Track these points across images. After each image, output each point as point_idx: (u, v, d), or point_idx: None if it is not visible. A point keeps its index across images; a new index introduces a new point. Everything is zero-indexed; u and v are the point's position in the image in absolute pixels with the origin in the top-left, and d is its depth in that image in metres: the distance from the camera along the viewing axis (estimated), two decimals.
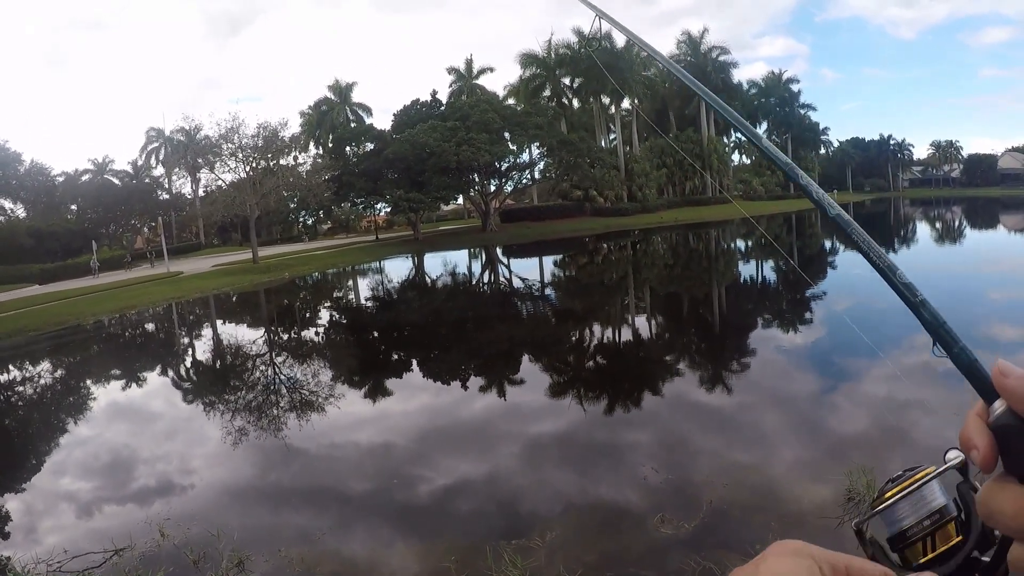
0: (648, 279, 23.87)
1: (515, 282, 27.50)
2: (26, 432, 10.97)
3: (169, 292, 28.85)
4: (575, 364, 12.04)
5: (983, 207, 61.43)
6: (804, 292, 17.11)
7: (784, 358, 10.86)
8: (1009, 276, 18.22)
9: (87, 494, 7.27)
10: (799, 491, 5.57)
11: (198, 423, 9.98)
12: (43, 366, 17.12)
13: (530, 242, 45.96)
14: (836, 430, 7.02)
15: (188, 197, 66.54)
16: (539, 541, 4.98)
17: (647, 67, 66.33)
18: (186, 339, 19.63)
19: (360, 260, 42.14)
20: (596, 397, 9.49)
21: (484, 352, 13.41)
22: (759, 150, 0.91)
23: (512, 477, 6.68)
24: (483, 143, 46.88)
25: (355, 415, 9.43)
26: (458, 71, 63.46)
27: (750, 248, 34.02)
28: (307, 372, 12.85)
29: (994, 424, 0.49)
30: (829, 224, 0.72)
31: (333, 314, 22.29)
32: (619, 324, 15.80)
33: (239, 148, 38.35)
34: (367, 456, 7.69)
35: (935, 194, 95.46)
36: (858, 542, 0.69)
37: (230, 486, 7.14)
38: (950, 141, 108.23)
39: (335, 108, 64.73)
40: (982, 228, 40.74)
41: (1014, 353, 9.52)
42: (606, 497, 5.91)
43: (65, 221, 56.23)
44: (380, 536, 5.66)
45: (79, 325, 21.99)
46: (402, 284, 30.04)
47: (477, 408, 9.33)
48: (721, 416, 8.04)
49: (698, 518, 5.12)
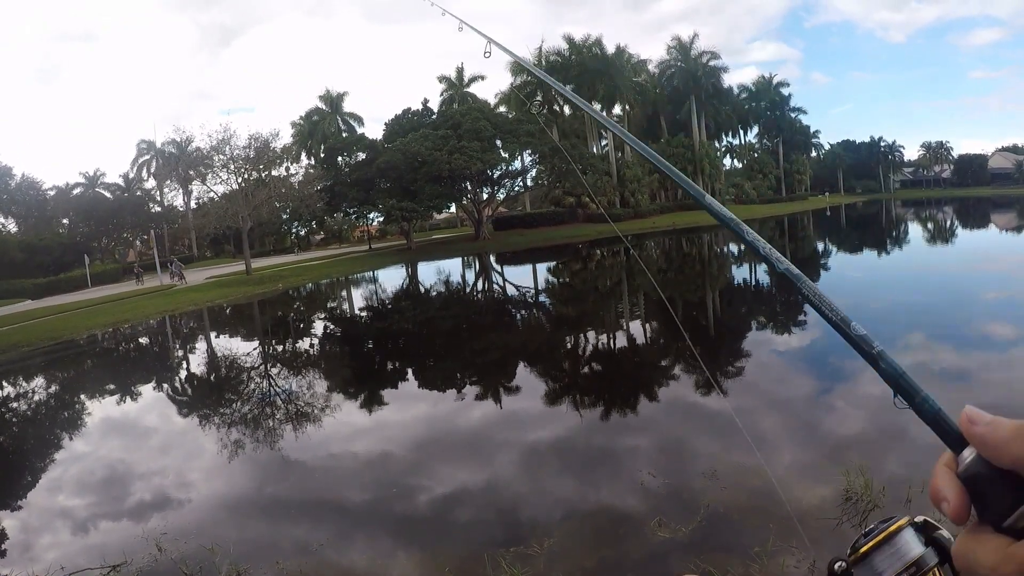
0: (641, 285, 23.91)
1: (509, 290, 27.50)
2: (20, 449, 10.89)
3: (163, 305, 28.73)
4: (570, 370, 12.04)
5: (974, 207, 61.85)
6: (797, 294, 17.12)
7: (778, 360, 10.88)
8: (997, 275, 18.33)
9: (83, 510, 7.22)
10: (797, 492, 5.57)
11: (193, 437, 9.93)
12: (36, 382, 17.01)
13: (523, 249, 46.00)
14: (832, 431, 7.03)
15: (180, 209, 66.35)
16: (537, 548, 4.97)
17: (638, 73, 66.74)
18: (181, 352, 19.54)
19: (354, 270, 42.08)
20: (592, 403, 9.49)
21: (480, 361, 13.40)
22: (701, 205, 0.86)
23: (509, 484, 6.67)
24: (475, 151, 46.98)
25: (351, 425, 9.40)
26: (449, 79, 63.66)
27: (743, 252, 34.09)
28: (303, 384, 12.81)
29: (964, 474, 0.48)
30: (777, 276, 0.70)
31: (328, 325, 22.24)
32: (614, 330, 15.81)
33: (231, 159, 38.33)
34: (364, 466, 7.66)
35: (926, 195, 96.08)
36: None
37: (227, 500, 7.10)
38: (940, 142, 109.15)
39: (326, 118, 64.80)
40: (972, 228, 41.00)
41: (1003, 350, 9.58)
42: (604, 502, 5.91)
43: (57, 235, 55.99)
44: (378, 546, 5.64)
45: (72, 340, 21.87)
46: (396, 294, 30.00)
47: (473, 416, 9.31)
48: (716, 419, 8.04)
49: (695, 521, 5.12)
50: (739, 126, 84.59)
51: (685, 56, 71.11)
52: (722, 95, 74.92)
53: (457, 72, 63.57)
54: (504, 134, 50.03)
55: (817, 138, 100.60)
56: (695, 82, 70.28)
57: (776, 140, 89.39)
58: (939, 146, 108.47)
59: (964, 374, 8.58)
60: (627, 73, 63.30)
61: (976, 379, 8.33)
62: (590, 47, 61.04)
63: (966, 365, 8.97)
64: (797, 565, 4.26)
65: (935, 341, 10.47)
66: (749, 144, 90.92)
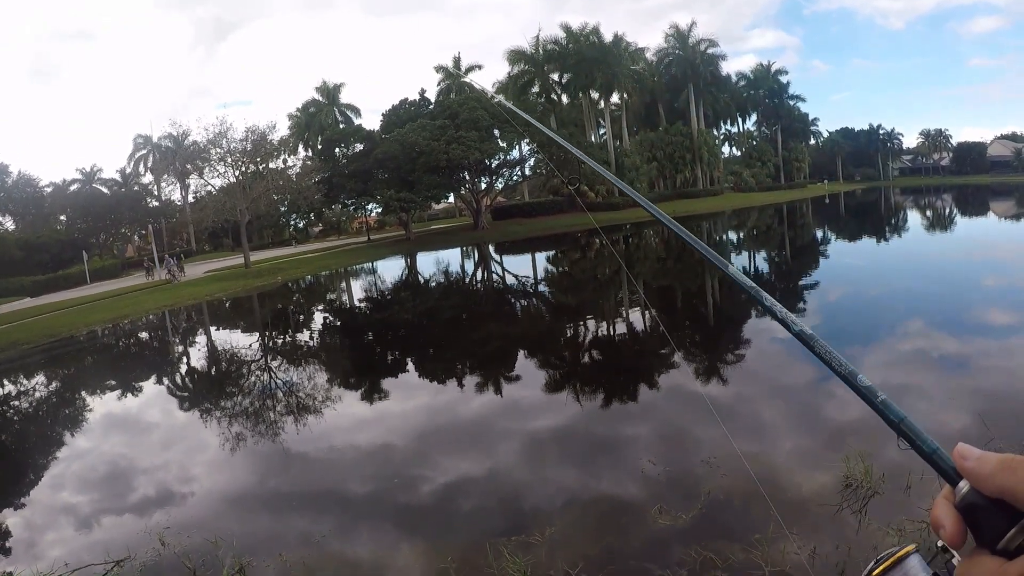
0: (641, 273, 23.90)
1: (509, 279, 27.49)
2: (23, 446, 10.92)
3: (163, 300, 28.73)
4: (570, 359, 12.05)
5: (973, 194, 61.76)
6: (798, 281, 17.16)
7: (776, 347, 10.89)
8: (995, 262, 18.34)
9: (86, 506, 7.24)
10: (797, 479, 5.59)
11: (195, 431, 9.95)
12: (37, 379, 17.03)
13: (522, 239, 45.94)
14: (832, 418, 7.04)
15: (178, 204, 66.27)
16: (539, 537, 4.99)
17: (636, 61, 66.46)
18: (181, 347, 19.55)
19: (353, 262, 42.05)
20: (592, 391, 9.50)
21: (480, 350, 13.41)
22: None
23: (511, 473, 6.69)
24: (473, 141, 46.84)
25: (352, 416, 9.42)
26: (446, 69, 63.34)
27: (742, 240, 34.11)
28: (303, 375, 12.82)
29: (960, 504, 0.53)
30: (794, 338, 0.76)
31: (328, 316, 22.23)
32: (613, 318, 15.82)
33: (228, 152, 38.19)
34: (366, 457, 7.68)
35: (925, 182, 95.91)
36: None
37: (229, 493, 7.13)
38: (939, 130, 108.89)
39: (323, 110, 64.57)
40: (970, 215, 40.96)
41: (1003, 337, 9.60)
42: (605, 490, 5.93)
43: (55, 232, 55.89)
44: (380, 537, 5.66)
45: (72, 337, 21.88)
46: (396, 284, 29.99)
47: (474, 405, 9.33)
48: (717, 406, 8.06)
49: (696, 508, 5.14)
50: (737, 114, 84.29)
51: (683, 44, 70.76)
52: (720, 83, 74.61)
53: (454, 62, 63.32)
54: (501, 123, 49.84)
55: (816, 126, 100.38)
56: (693, 70, 69.98)
57: (775, 128, 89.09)
58: (938, 134, 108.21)
59: (964, 361, 8.60)
60: (625, 61, 62.94)
61: (976, 366, 8.34)
62: (587, 36, 60.75)
63: (966, 352, 8.99)
64: (798, 552, 4.27)
65: (935, 328, 10.49)
66: (748, 132, 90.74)
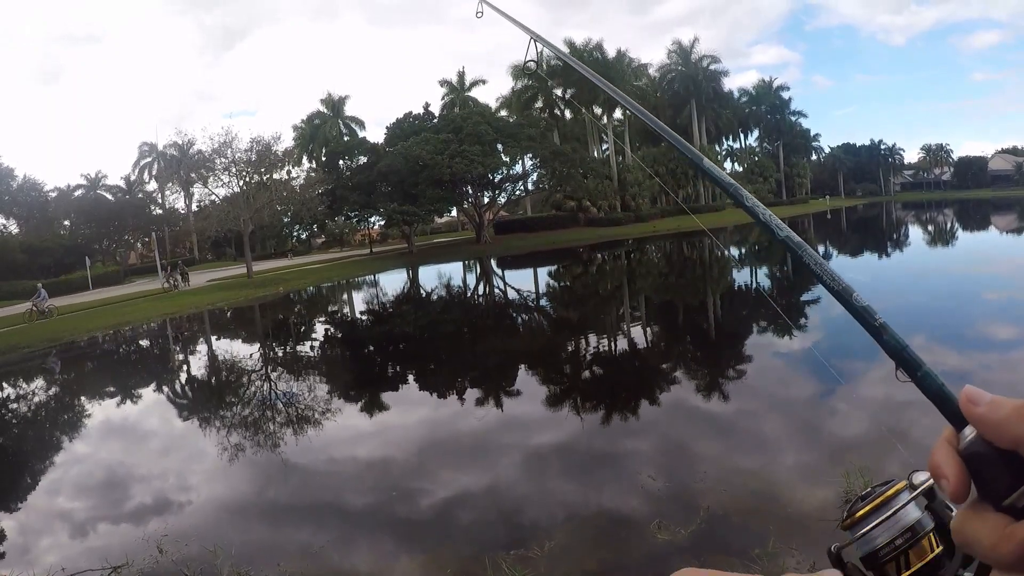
0: (643, 288, 23.93)
1: (511, 294, 27.51)
2: (20, 451, 10.90)
3: (164, 307, 28.76)
4: (571, 374, 12.05)
5: (974, 209, 61.88)
6: (797, 298, 17.17)
7: (777, 362, 10.89)
8: (998, 277, 18.33)
9: (83, 512, 7.23)
10: (797, 494, 5.58)
11: (195, 439, 9.94)
12: (36, 383, 17.03)
13: (524, 253, 45.99)
14: (833, 433, 7.04)
15: (181, 212, 66.42)
16: (538, 550, 4.98)
17: (638, 77, 66.83)
18: (182, 355, 19.56)
19: (355, 273, 42.10)
20: (592, 406, 9.50)
21: (481, 364, 13.42)
22: (702, 172, 0.97)
23: (510, 487, 6.67)
24: (476, 155, 47.02)
25: (352, 428, 9.42)
26: (450, 83, 63.78)
27: (743, 255, 34.13)
28: (304, 387, 12.82)
29: (965, 451, 0.48)
30: (778, 245, 0.70)
31: (329, 328, 22.25)
32: (615, 333, 15.83)
33: (232, 162, 38.38)
34: (366, 469, 7.67)
35: (927, 197, 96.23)
36: (832, 564, 0.65)
37: (228, 502, 7.11)
38: (941, 144, 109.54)
39: (328, 122, 64.97)
40: (972, 230, 41.01)
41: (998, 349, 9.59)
42: (604, 505, 5.92)
43: (58, 237, 56.03)
44: (379, 549, 5.65)
45: (73, 342, 21.90)
46: (397, 297, 30.02)
47: (474, 420, 9.32)
48: (716, 422, 8.05)
49: (695, 523, 5.13)
50: (739, 130, 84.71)
51: (685, 60, 71.23)
52: (722, 99, 75.04)
53: (458, 76, 63.80)
54: (505, 138, 50.09)
55: (817, 141, 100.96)
56: (695, 86, 70.39)
57: (776, 143, 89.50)
58: (939, 148, 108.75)
59: (966, 375, 8.59)
60: (627, 77, 63.29)
61: (978, 381, 8.32)
62: (591, 51, 61.13)
63: (967, 367, 8.98)
64: (798, 566, 4.26)
65: (936, 343, 10.49)
66: (750, 148, 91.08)
